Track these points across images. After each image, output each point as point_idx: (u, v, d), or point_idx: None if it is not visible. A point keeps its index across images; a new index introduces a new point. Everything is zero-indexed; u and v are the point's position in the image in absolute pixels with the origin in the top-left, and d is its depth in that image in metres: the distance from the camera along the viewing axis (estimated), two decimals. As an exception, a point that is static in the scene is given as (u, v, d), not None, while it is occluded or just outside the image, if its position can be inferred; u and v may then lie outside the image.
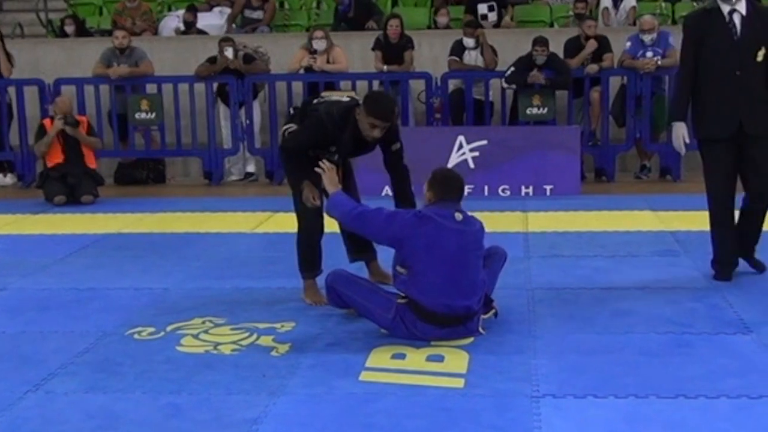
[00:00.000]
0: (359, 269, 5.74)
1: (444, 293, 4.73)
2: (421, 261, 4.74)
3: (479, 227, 4.96)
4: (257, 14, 12.74)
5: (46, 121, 9.63)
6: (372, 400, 4.04)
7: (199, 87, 10.61)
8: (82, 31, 12.66)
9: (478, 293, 4.86)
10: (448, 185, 4.93)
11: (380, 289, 5.01)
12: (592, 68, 10.18)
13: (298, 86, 10.64)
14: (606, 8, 12.21)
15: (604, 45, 10.38)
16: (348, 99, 5.61)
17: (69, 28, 12.51)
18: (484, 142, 9.58)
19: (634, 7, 12.13)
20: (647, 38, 10.12)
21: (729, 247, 5.86)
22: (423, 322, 4.76)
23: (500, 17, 12.22)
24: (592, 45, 10.27)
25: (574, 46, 10.42)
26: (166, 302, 5.67)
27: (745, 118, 5.66)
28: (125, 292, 5.90)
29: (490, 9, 12.11)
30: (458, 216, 4.83)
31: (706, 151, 5.83)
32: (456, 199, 4.92)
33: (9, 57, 10.95)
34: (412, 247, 4.77)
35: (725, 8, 5.68)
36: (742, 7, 5.68)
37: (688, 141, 5.88)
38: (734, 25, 5.66)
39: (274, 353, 4.69)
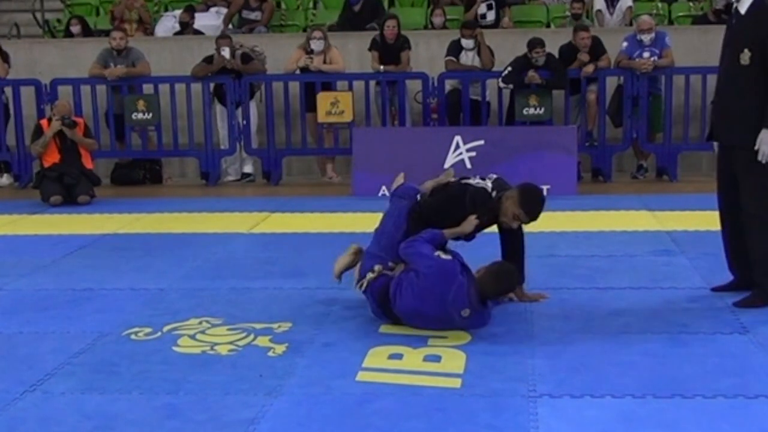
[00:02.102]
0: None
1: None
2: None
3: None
4: (255, 15, 12.73)
5: (43, 122, 9.62)
6: (369, 400, 4.04)
7: (196, 87, 10.61)
8: (88, 32, 12.67)
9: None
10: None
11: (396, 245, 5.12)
12: (587, 70, 10.18)
13: (294, 86, 10.63)
14: (599, 10, 12.21)
15: (598, 46, 10.38)
16: (490, 185, 5.34)
17: (75, 29, 12.52)
18: (481, 142, 9.58)
19: (630, 8, 12.13)
20: (646, 38, 10.12)
21: (728, 253, 5.51)
22: (378, 307, 5.01)
23: (498, 17, 12.22)
24: (584, 57, 10.25)
25: (568, 51, 10.41)
26: (162, 303, 5.66)
27: (715, 123, 5.34)
28: (122, 293, 5.89)
29: (489, 8, 12.12)
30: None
31: None
32: None
33: (5, 57, 10.94)
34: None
35: (734, 4, 5.24)
36: (742, 5, 5.17)
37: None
38: (731, 23, 5.28)
39: (271, 353, 4.68)
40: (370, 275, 5.05)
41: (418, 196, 5.41)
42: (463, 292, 4.75)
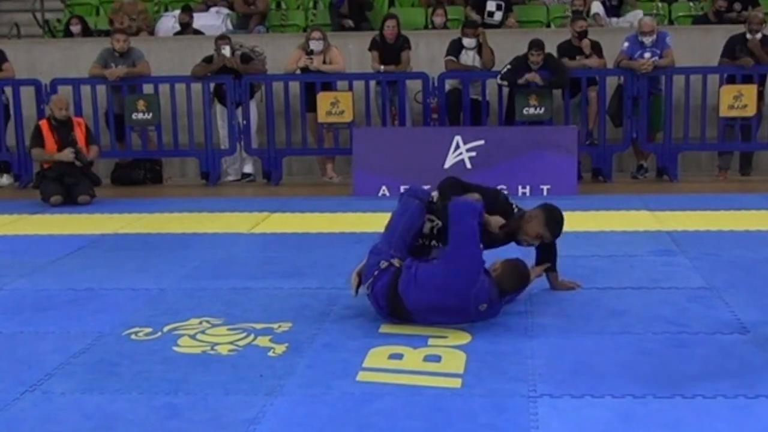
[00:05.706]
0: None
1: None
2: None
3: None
4: (252, 9, 12.79)
5: (42, 123, 9.61)
6: (369, 400, 4.04)
7: (196, 87, 10.62)
8: (88, 32, 12.66)
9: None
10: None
11: (415, 236, 5.20)
12: (590, 63, 10.21)
13: (295, 86, 10.64)
14: (597, 14, 12.18)
15: (595, 47, 10.41)
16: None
17: (75, 28, 12.51)
18: (481, 142, 9.58)
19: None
20: (647, 40, 10.13)
21: None
22: (386, 305, 4.96)
23: (504, 18, 12.22)
24: (586, 45, 10.31)
25: (567, 49, 10.43)
26: (163, 303, 5.66)
27: None
28: (122, 293, 5.89)
29: (498, 8, 12.12)
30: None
31: None
32: None
33: (3, 57, 10.91)
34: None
35: None
36: None
37: None
38: None
39: (271, 353, 4.68)
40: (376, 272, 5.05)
41: (433, 194, 5.42)
42: (485, 289, 4.87)
